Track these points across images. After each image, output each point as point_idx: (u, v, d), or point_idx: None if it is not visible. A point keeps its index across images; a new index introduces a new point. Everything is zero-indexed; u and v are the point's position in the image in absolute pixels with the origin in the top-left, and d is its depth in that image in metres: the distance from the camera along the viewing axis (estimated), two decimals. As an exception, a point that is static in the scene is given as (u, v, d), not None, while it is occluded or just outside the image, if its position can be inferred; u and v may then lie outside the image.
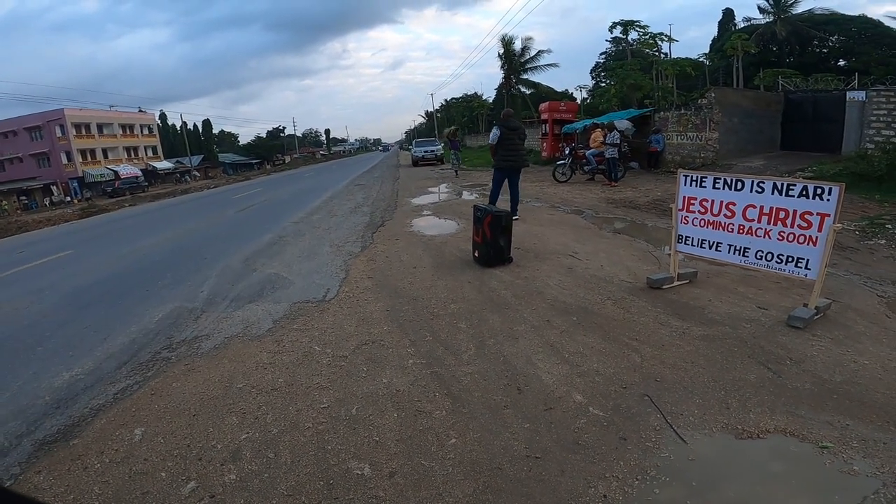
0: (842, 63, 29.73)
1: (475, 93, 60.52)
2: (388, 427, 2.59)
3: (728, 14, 38.89)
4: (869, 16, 30.43)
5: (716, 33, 39.64)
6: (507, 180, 7.79)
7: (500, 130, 7.47)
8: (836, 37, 30.87)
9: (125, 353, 3.90)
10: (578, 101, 37.49)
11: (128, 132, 49.48)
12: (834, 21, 30.53)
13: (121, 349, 3.98)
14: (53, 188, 40.10)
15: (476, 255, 5.57)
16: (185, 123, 57.11)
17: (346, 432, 2.57)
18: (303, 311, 4.49)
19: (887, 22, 29.23)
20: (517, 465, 2.22)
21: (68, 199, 38.28)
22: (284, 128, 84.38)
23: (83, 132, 43.68)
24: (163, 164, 52.10)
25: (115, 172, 43.02)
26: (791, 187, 3.56)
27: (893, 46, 27.44)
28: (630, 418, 2.52)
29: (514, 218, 6.90)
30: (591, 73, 46.32)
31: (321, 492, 2.15)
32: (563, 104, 21.86)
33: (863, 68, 23.94)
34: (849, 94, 12.05)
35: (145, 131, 52.30)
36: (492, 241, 5.32)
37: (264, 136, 77.69)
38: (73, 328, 4.64)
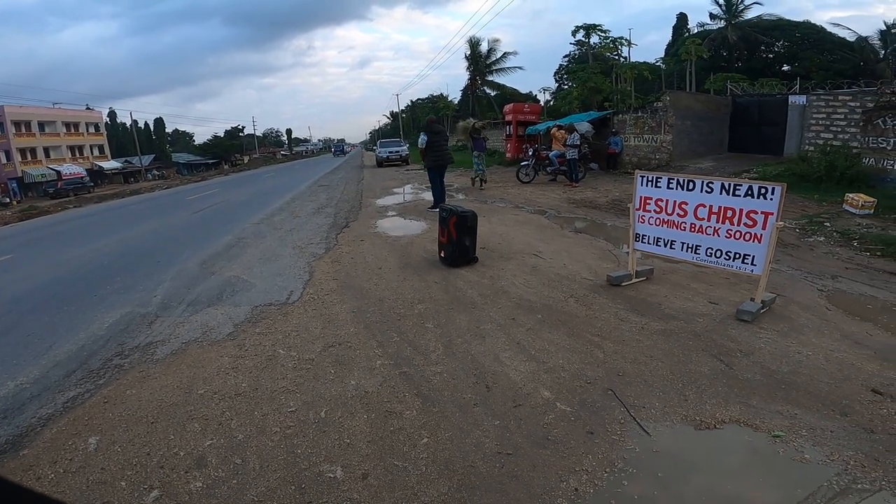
0: (786, 68, 31.23)
1: (441, 94, 60.36)
2: (358, 429, 2.57)
3: (682, 19, 40.18)
4: (813, 22, 32.12)
5: (670, 38, 40.94)
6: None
7: (427, 136, 8.39)
8: (781, 42, 32.43)
9: (73, 360, 3.70)
10: (542, 103, 38.10)
11: (72, 130, 46.62)
12: (780, 27, 32.03)
13: (68, 357, 3.78)
14: (-9, 188, 37.47)
15: (442, 255, 5.60)
16: (135, 122, 54.43)
17: (316, 435, 2.53)
18: (265, 314, 4.39)
19: (830, 28, 31.11)
20: (490, 462, 2.26)
21: (7, 199, 35.85)
22: (244, 127, 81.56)
23: (23, 130, 40.96)
24: (110, 164, 49.34)
25: (58, 172, 40.45)
26: (738, 187, 3.76)
27: (834, 52, 29.07)
28: (596, 412, 2.60)
29: (434, 209, 8.04)
30: (554, 75, 46.99)
31: (293, 496, 2.11)
32: (527, 106, 22.14)
33: (805, 73, 25.17)
34: (790, 98, 12.66)
35: (91, 129, 49.39)
36: (457, 241, 5.35)
37: (222, 135, 74.80)
38: (16, 336, 4.36)
